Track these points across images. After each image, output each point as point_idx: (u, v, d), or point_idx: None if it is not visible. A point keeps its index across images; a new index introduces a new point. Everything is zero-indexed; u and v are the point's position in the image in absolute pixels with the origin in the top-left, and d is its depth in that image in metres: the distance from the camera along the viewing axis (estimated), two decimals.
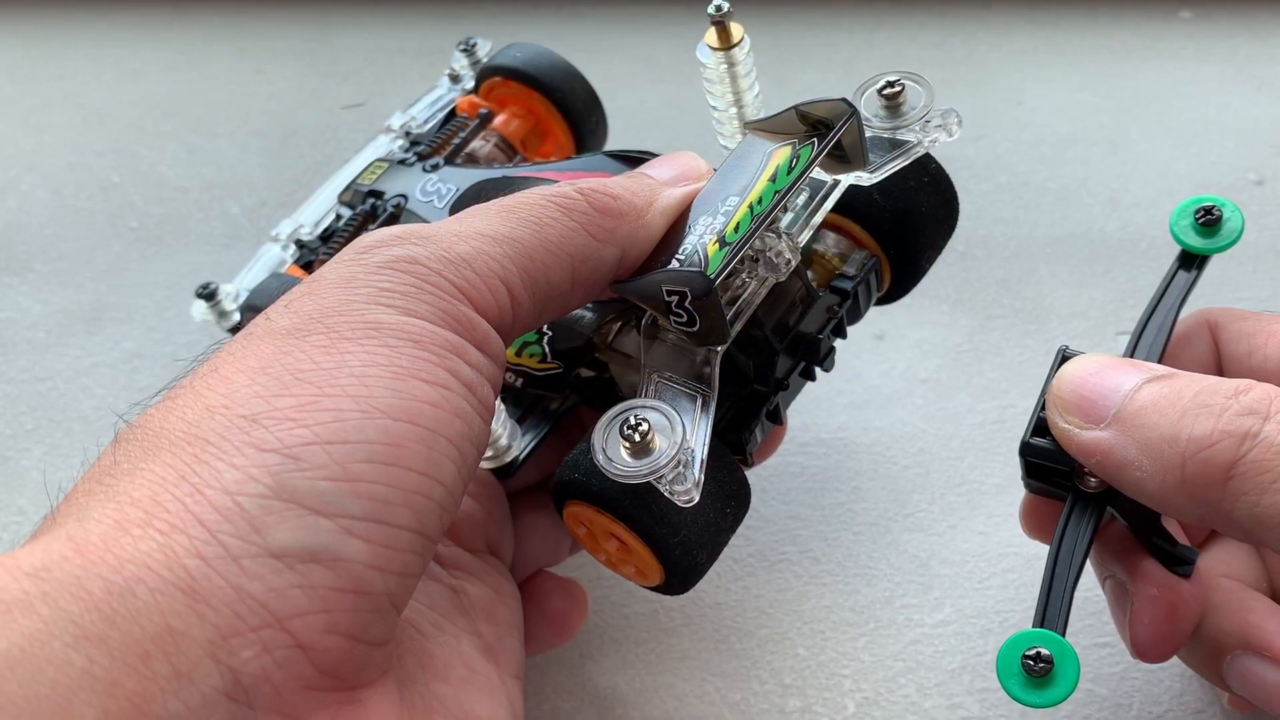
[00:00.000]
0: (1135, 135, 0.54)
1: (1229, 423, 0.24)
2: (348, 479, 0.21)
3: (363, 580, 0.21)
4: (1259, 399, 0.24)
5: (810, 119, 0.28)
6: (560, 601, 0.36)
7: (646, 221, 0.27)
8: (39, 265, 0.54)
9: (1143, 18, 0.60)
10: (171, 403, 0.23)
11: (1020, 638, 0.26)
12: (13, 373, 0.49)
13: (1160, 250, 0.50)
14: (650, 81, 0.59)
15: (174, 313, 0.51)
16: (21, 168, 0.58)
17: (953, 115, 0.30)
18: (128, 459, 0.22)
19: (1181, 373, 0.26)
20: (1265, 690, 0.28)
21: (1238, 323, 0.30)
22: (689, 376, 0.28)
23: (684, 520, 0.27)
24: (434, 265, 0.24)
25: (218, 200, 0.56)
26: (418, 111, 0.43)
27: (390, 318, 0.23)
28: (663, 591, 0.30)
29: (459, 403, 0.23)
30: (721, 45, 0.31)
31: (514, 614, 0.32)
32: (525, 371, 0.33)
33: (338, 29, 0.64)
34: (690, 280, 0.26)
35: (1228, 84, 0.57)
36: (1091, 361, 0.27)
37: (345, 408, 0.21)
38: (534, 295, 0.25)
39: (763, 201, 0.27)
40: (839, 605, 0.39)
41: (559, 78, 0.41)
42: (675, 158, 0.30)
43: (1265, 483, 0.23)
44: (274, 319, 0.23)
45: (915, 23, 0.61)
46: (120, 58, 0.64)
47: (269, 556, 0.20)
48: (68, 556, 0.19)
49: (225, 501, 0.20)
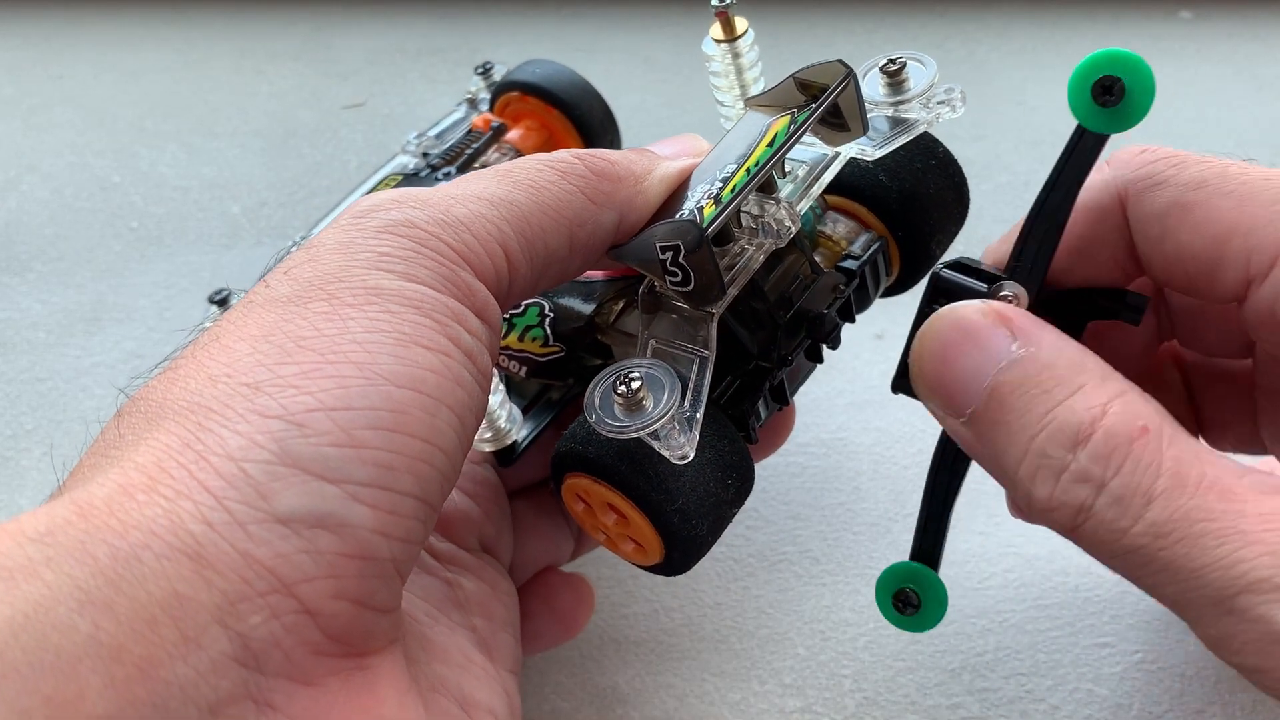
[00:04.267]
0: (1135, 135, 0.54)
1: (1064, 491, 0.23)
2: (352, 445, 0.21)
3: (369, 545, 0.21)
4: (1097, 457, 0.23)
5: (810, 88, 0.28)
6: (567, 597, 0.36)
7: (645, 188, 0.27)
8: (39, 265, 0.54)
9: (1143, 18, 0.60)
10: (174, 373, 0.22)
11: (891, 572, 0.29)
12: (13, 373, 0.49)
13: None
14: (650, 81, 0.59)
15: (174, 313, 0.51)
16: (21, 168, 0.58)
17: (956, 92, 0.30)
18: (131, 430, 0.22)
19: (1035, 359, 0.24)
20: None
21: (1150, 195, 0.27)
22: (684, 341, 0.28)
23: (681, 486, 0.27)
24: (432, 229, 0.24)
25: (218, 200, 0.56)
26: (435, 132, 0.44)
27: (391, 283, 0.23)
28: (664, 571, 0.30)
29: (460, 370, 0.23)
30: (726, 37, 0.31)
31: (509, 610, 0.32)
32: (528, 358, 0.33)
33: (338, 29, 0.64)
34: (683, 231, 0.26)
35: (1228, 84, 0.57)
36: (951, 329, 0.25)
37: (349, 374, 0.21)
38: (531, 260, 0.25)
39: (760, 163, 0.27)
40: (839, 605, 0.39)
41: (577, 95, 0.41)
42: (677, 139, 0.30)
43: (1102, 554, 0.23)
44: (274, 286, 0.23)
45: (915, 23, 0.61)
46: (120, 58, 0.64)
47: (275, 522, 0.20)
48: (71, 521, 0.19)
49: (230, 468, 0.20)
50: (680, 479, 0.27)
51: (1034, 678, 0.36)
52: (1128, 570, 0.23)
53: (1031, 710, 0.35)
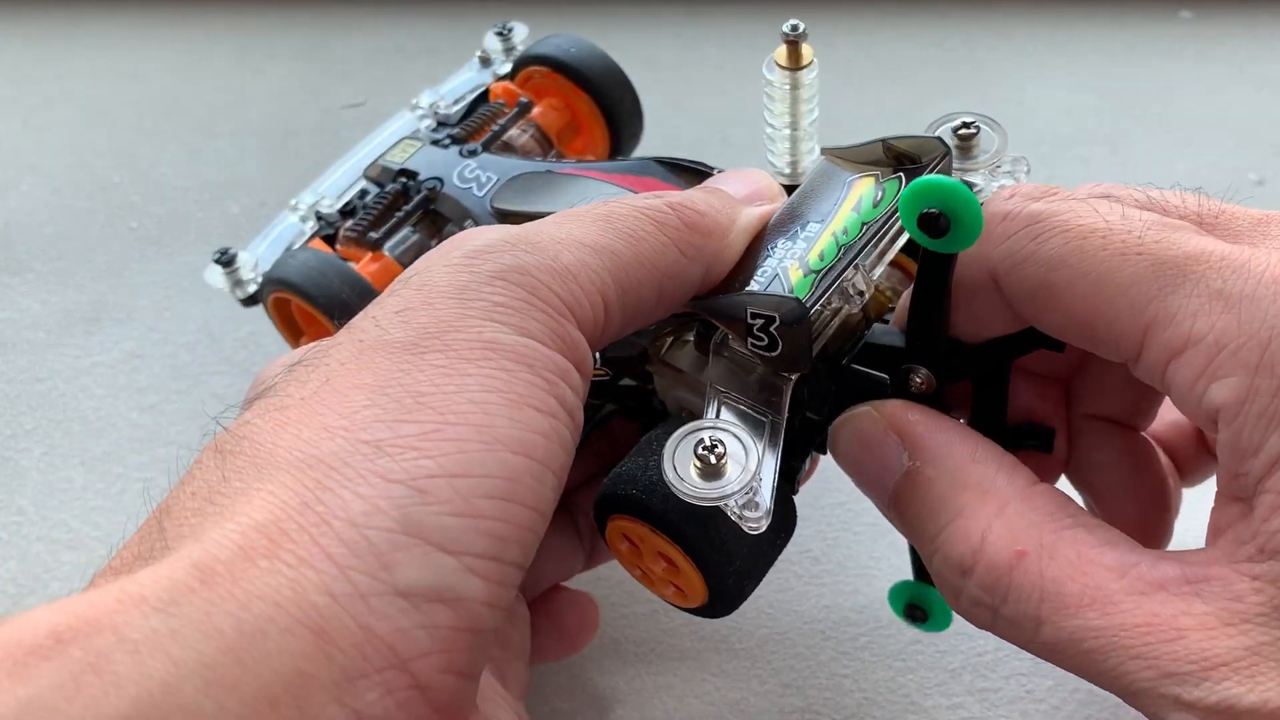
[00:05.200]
0: (1135, 135, 0.54)
1: (967, 610, 0.25)
2: (471, 514, 0.20)
3: (479, 618, 0.20)
4: (984, 588, 0.24)
5: (895, 152, 0.28)
6: (573, 616, 0.36)
7: (730, 240, 0.27)
8: (39, 265, 0.54)
9: (1143, 17, 0.60)
10: (281, 416, 0.22)
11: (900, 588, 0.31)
12: (12, 373, 0.49)
13: None
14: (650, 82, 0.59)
15: (174, 313, 0.51)
16: (21, 168, 0.58)
17: (1023, 163, 0.29)
18: (239, 476, 0.21)
19: (920, 481, 0.25)
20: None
21: (1017, 273, 0.25)
22: (754, 395, 0.27)
23: (741, 549, 0.27)
24: (543, 278, 0.23)
25: (218, 200, 0.56)
26: (447, 91, 0.42)
27: (506, 337, 0.22)
28: (699, 614, 0.29)
29: (564, 432, 0.22)
30: (790, 65, 0.31)
31: (523, 637, 0.32)
32: None
33: (338, 29, 0.64)
34: (785, 307, 0.25)
35: (1228, 84, 0.57)
36: (852, 441, 0.27)
37: (467, 437, 0.21)
38: (625, 310, 0.25)
39: (848, 232, 0.26)
40: (839, 605, 0.39)
41: (610, 83, 0.40)
42: (746, 175, 0.29)
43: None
44: (386, 328, 0.23)
45: (915, 23, 0.61)
46: (120, 58, 0.64)
47: (396, 595, 0.19)
48: (194, 589, 0.19)
49: (353, 535, 0.19)
50: (741, 542, 0.27)
51: (1034, 678, 0.36)
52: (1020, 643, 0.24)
53: (1031, 710, 0.35)
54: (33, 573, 0.43)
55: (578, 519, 0.36)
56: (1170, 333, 0.23)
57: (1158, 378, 0.24)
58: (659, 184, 0.32)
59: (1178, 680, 0.21)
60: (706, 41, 0.60)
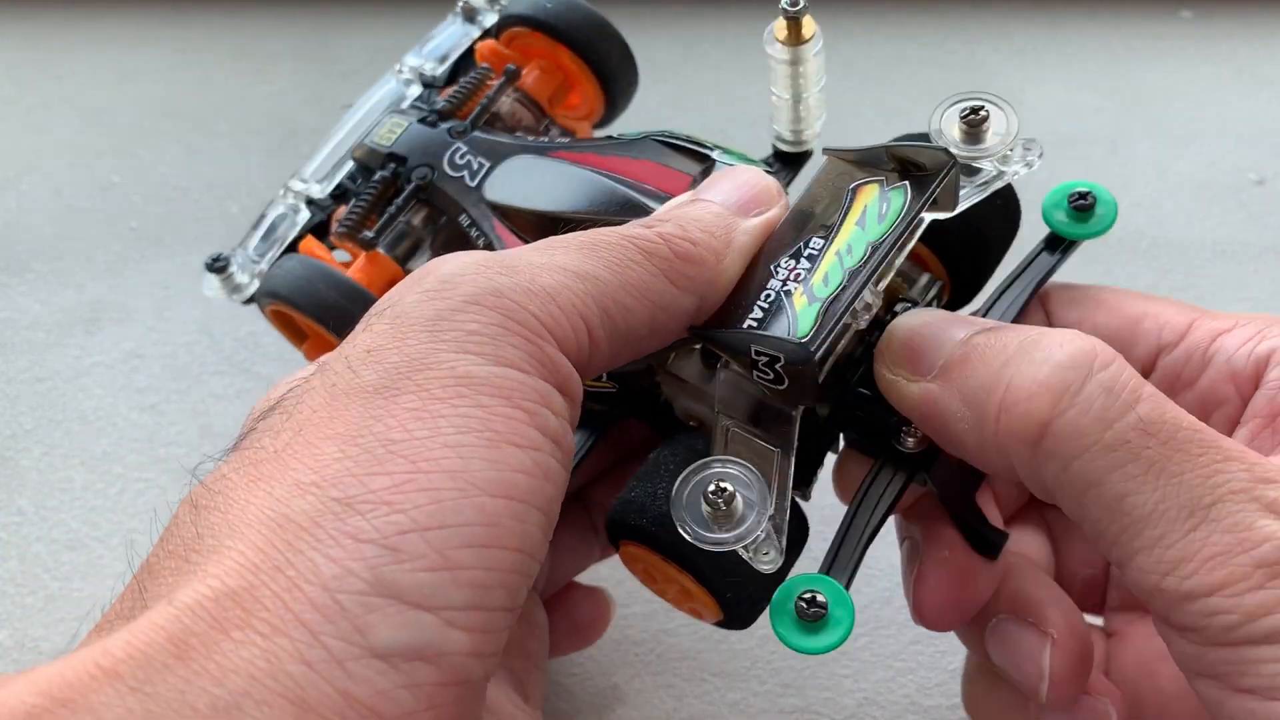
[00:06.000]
0: (1135, 135, 0.54)
1: (1049, 375, 0.23)
2: (448, 568, 0.20)
3: (464, 670, 0.20)
4: (1083, 350, 0.23)
5: (899, 157, 0.27)
6: (587, 611, 0.36)
7: (725, 266, 0.26)
8: (38, 265, 0.54)
9: (1143, 17, 0.60)
10: (255, 470, 0.21)
11: (798, 580, 0.25)
12: (12, 373, 0.49)
13: (1160, 250, 0.50)
14: (650, 81, 0.59)
15: (173, 313, 0.51)
16: (21, 168, 0.58)
17: (1035, 146, 0.28)
18: (211, 533, 0.21)
19: (1011, 325, 0.25)
20: (1018, 655, 0.27)
21: (1067, 291, 0.30)
22: (762, 420, 0.26)
23: (755, 575, 0.26)
24: (519, 299, 0.23)
25: (218, 200, 0.56)
26: (430, 51, 0.40)
27: (480, 369, 0.22)
28: (720, 626, 0.30)
29: (548, 463, 0.22)
30: (791, 41, 0.30)
31: (542, 645, 0.32)
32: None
33: (338, 29, 0.64)
34: (786, 349, 0.25)
35: (1228, 84, 0.57)
36: (923, 314, 0.27)
37: (442, 485, 0.20)
38: (611, 337, 0.24)
39: (853, 252, 0.26)
40: None
41: (592, 35, 0.37)
42: (740, 177, 0.28)
43: (1076, 449, 0.22)
44: (359, 372, 0.22)
45: (915, 23, 0.61)
46: (120, 58, 0.64)
47: (373, 658, 0.19)
48: (169, 665, 0.19)
49: (325, 599, 0.19)
50: (755, 572, 0.26)
51: None
52: (1089, 479, 0.23)
53: None
54: (32, 573, 0.43)
55: (593, 512, 0.35)
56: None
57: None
58: (658, 167, 0.31)
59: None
60: (706, 41, 0.60)
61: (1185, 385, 0.28)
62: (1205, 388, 0.27)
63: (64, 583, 0.42)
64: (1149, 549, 0.22)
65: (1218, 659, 0.22)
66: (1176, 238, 0.50)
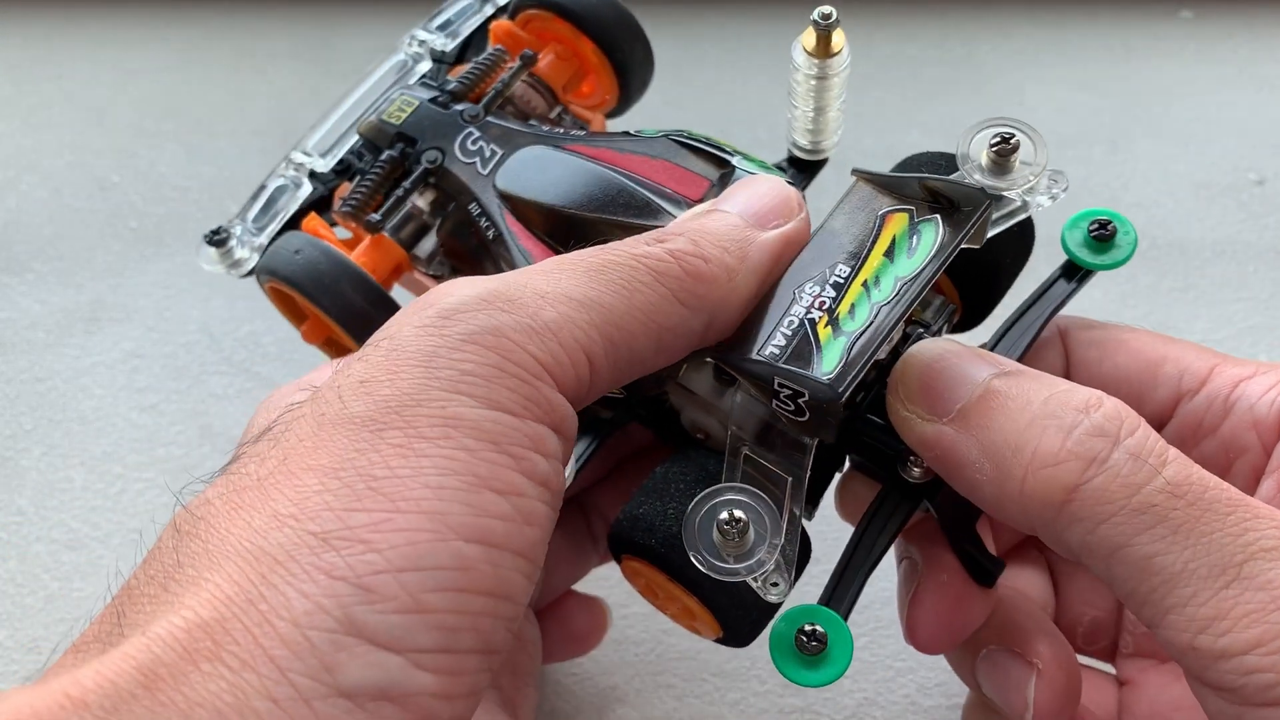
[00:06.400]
0: (1135, 135, 0.54)
1: (1077, 442, 0.23)
2: (418, 610, 0.20)
3: (431, 712, 0.20)
4: (1109, 417, 0.23)
5: (930, 190, 0.27)
6: (584, 620, 0.36)
7: (737, 284, 0.25)
8: (38, 265, 0.54)
9: (1143, 17, 0.60)
10: (238, 498, 0.21)
11: (798, 612, 0.25)
12: (12, 373, 0.49)
13: (1161, 250, 0.50)
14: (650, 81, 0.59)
15: (173, 313, 0.51)
16: (21, 168, 0.58)
17: (1061, 179, 0.28)
18: (191, 563, 0.21)
19: (1031, 371, 0.25)
20: (1005, 685, 0.27)
21: (1088, 330, 0.30)
22: (772, 442, 0.26)
23: (758, 600, 0.26)
24: (518, 339, 0.23)
25: (218, 200, 0.56)
26: (440, 25, 0.39)
27: (471, 412, 0.22)
28: (720, 643, 0.29)
29: (532, 507, 0.22)
30: (819, 54, 0.29)
31: (534, 661, 0.32)
32: None
33: (338, 29, 0.64)
34: (814, 388, 0.24)
35: (1228, 84, 0.57)
36: (938, 345, 0.26)
37: (419, 527, 0.20)
38: (614, 364, 0.24)
39: (880, 285, 0.25)
40: None
41: (621, 34, 0.36)
42: (760, 187, 0.27)
43: (1103, 514, 0.22)
44: (349, 403, 0.22)
45: (915, 23, 0.61)
46: (120, 58, 0.64)
47: (339, 697, 0.19)
48: (136, 695, 0.19)
49: (295, 636, 0.19)
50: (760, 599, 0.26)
51: None
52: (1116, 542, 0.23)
53: None
54: (32, 573, 0.43)
55: (591, 517, 0.35)
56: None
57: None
58: (671, 166, 0.30)
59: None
60: (706, 41, 0.60)
61: (1207, 432, 0.28)
62: (1227, 435, 0.27)
63: (64, 583, 0.43)
64: (1180, 607, 0.22)
65: (1256, 719, 0.22)
66: (1176, 238, 0.50)
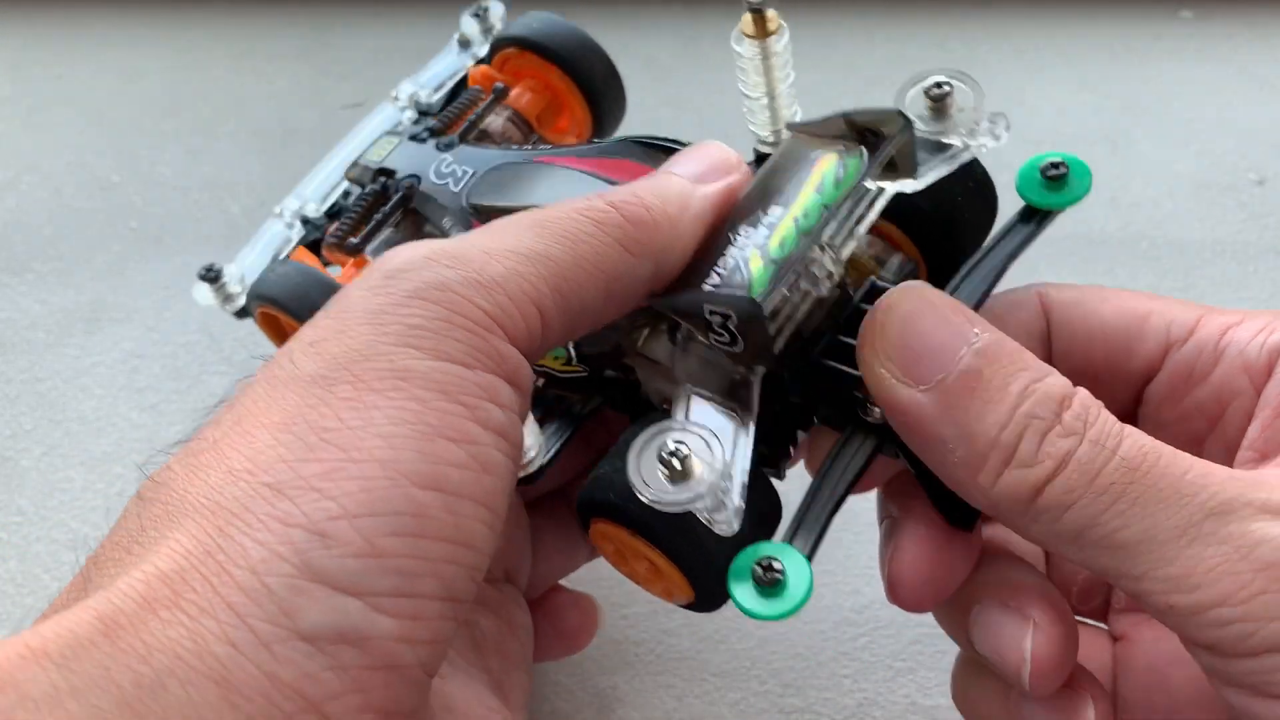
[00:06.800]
0: (1135, 135, 0.54)
1: (1051, 444, 0.23)
2: (374, 555, 0.20)
3: (393, 655, 0.20)
4: (1078, 415, 0.23)
5: (856, 125, 0.27)
6: (573, 617, 0.35)
7: (680, 231, 0.26)
8: (38, 265, 0.54)
9: (1143, 18, 0.60)
10: (195, 460, 0.22)
11: (759, 547, 0.25)
12: (12, 373, 0.49)
13: (1160, 250, 0.50)
14: (650, 81, 0.59)
15: (173, 313, 0.51)
16: (21, 167, 0.58)
17: (1001, 120, 0.29)
18: (154, 524, 0.21)
19: (1008, 344, 0.25)
20: (1000, 641, 0.27)
21: (1071, 290, 0.29)
22: (725, 390, 0.27)
23: (721, 549, 0.26)
24: (464, 291, 0.23)
25: (218, 200, 0.56)
26: (427, 80, 0.41)
27: (419, 364, 0.22)
28: (690, 609, 0.29)
29: (488, 455, 0.22)
30: (758, 35, 0.30)
31: (524, 646, 0.32)
32: (548, 373, 0.32)
33: (338, 29, 0.64)
34: (736, 303, 0.25)
35: (1228, 84, 0.57)
36: (922, 298, 0.25)
37: (372, 475, 0.21)
38: (565, 314, 0.24)
39: (809, 216, 0.26)
40: (839, 605, 0.39)
41: (578, 53, 0.39)
42: (701, 150, 0.28)
43: (1067, 501, 0.23)
44: (299, 363, 0.22)
45: (915, 22, 0.61)
46: (120, 58, 0.64)
47: (299, 640, 0.19)
48: (96, 642, 0.19)
49: (252, 582, 0.20)
50: (720, 541, 0.26)
51: None
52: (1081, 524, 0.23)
53: None
54: (32, 573, 0.43)
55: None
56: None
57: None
58: (633, 165, 0.32)
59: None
60: (706, 41, 0.60)
61: (1199, 380, 0.28)
62: (1219, 381, 0.27)
63: (64, 583, 0.42)
64: (1152, 571, 0.22)
65: (1241, 669, 0.22)
66: (1176, 238, 0.50)
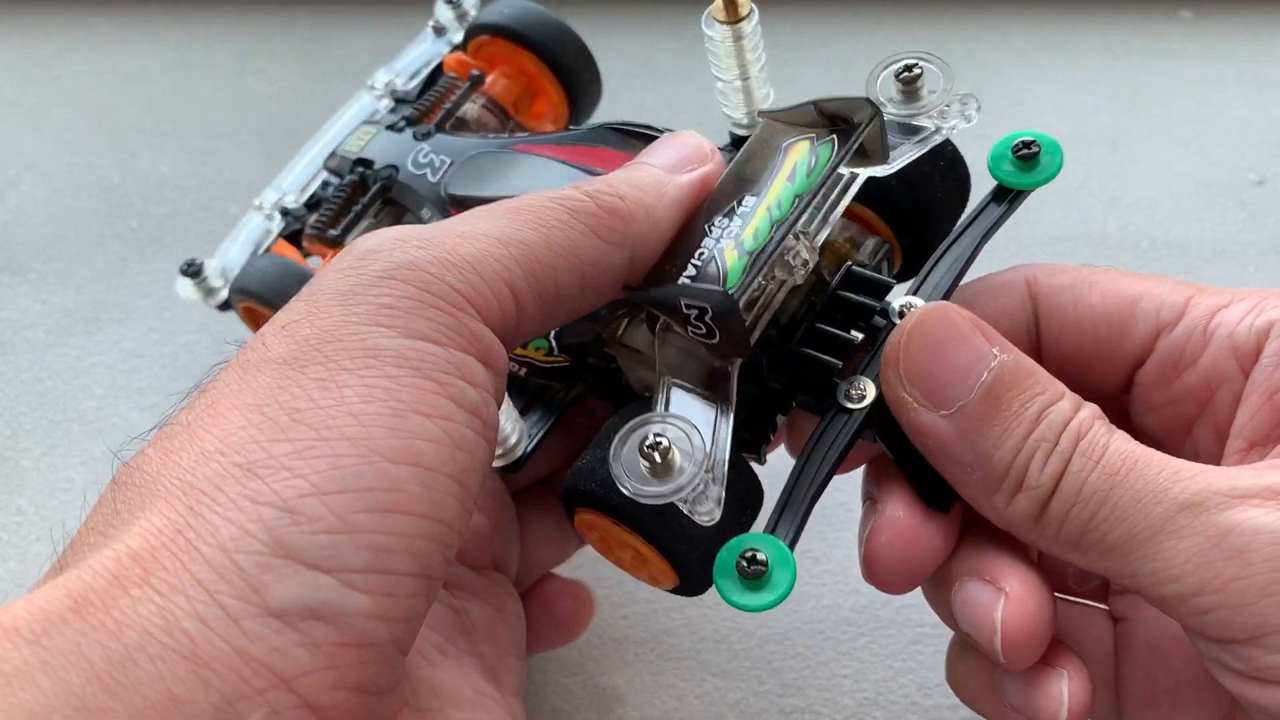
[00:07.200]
0: (1135, 135, 0.54)
1: (1057, 466, 0.24)
2: (346, 530, 0.20)
3: (366, 632, 0.20)
4: (1080, 433, 0.25)
5: (827, 113, 0.28)
6: (567, 605, 0.36)
7: (656, 220, 0.26)
8: (38, 265, 0.54)
9: (1143, 18, 0.60)
10: (168, 443, 0.22)
11: (742, 539, 0.25)
12: (12, 373, 0.49)
13: (1160, 250, 0.50)
14: (649, 81, 0.59)
15: (173, 313, 0.51)
16: (21, 168, 0.58)
17: (972, 101, 0.29)
18: (127, 507, 0.21)
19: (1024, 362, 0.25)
20: (975, 613, 0.27)
21: (1056, 275, 0.29)
22: (704, 380, 0.27)
23: (704, 534, 0.27)
24: (436, 270, 0.23)
25: (218, 200, 0.56)
26: (402, 67, 0.41)
27: (390, 341, 0.22)
28: (676, 593, 0.30)
29: (462, 432, 0.22)
30: (729, 19, 0.30)
31: (515, 632, 0.32)
32: (530, 362, 0.32)
33: (338, 29, 0.64)
34: (711, 297, 0.25)
35: (1228, 84, 0.57)
36: (946, 324, 0.26)
37: (343, 452, 0.21)
38: (540, 300, 0.24)
39: (781, 206, 0.26)
40: (839, 605, 0.39)
41: (548, 35, 0.39)
42: (675, 140, 0.29)
43: (1063, 514, 0.24)
44: (271, 345, 0.22)
45: (915, 22, 0.61)
46: (120, 58, 0.64)
47: (269, 616, 0.19)
48: (66, 619, 0.19)
49: (222, 560, 0.20)
50: (704, 528, 0.26)
51: None
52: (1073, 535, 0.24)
53: None
54: (32, 573, 0.43)
55: None
56: None
57: None
58: (610, 152, 0.32)
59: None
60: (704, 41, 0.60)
61: (1188, 363, 0.28)
62: (1208, 365, 0.28)
63: None
64: (1141, 567, 0.23)
65: (1232, 655, 0.22)
66: (1176, 238, 0.50)
